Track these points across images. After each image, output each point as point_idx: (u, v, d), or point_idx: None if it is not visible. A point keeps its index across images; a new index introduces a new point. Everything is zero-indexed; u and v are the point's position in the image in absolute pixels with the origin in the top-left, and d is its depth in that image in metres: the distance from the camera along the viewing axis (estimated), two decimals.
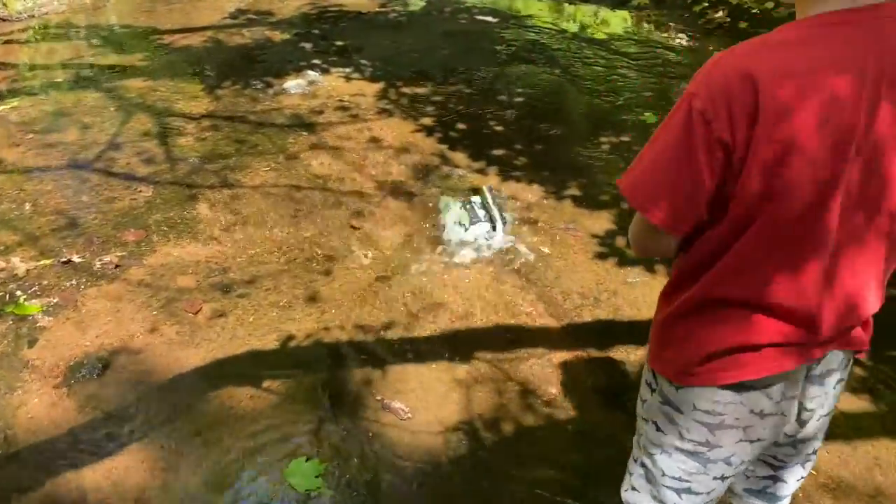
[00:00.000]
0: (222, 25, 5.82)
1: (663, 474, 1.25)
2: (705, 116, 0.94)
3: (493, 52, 5.43)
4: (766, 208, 0.97)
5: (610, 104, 4.62)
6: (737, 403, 1.12)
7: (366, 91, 4.72)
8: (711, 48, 5.56)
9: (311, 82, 4.76)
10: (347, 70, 5.01)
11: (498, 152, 3.99)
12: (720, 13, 6.08)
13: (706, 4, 6.27)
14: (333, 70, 4.99)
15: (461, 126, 4.28)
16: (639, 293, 2.86)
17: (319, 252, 3.06)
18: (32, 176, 3.52)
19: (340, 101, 4.56)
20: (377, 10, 6.30)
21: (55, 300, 2.69)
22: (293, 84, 4.68)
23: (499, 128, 4.29)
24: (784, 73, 0.92)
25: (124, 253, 2.98)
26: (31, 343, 2.49)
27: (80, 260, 2.91)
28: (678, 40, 5.76)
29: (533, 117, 4.41)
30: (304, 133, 4.12)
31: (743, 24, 5.81)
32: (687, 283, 1.13)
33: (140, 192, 3.44)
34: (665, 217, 1.03)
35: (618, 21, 6.26)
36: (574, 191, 3.62)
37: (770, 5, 5.92)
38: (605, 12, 6.46)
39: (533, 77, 4.97)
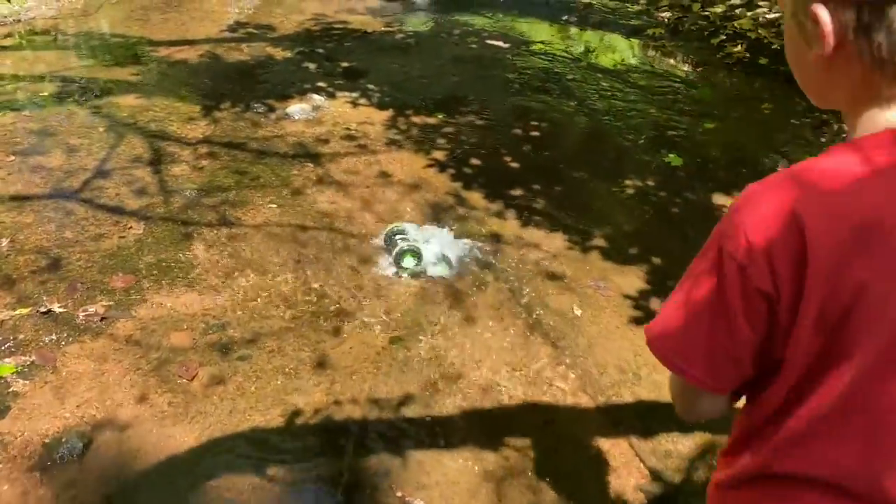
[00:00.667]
0: (220, 39, 5.54)
1: None
2: (739, 261, 0.78)
3: (506, 80, 5.20)
4: (828, 366, 0.78)
5: (631, 142, 4.40)
6: None
7: (374, 119, 4.46)
8: (732, 82, 5.38)
9: (316, 107, 4.50)
10: (354, 95, 4.75)
11: (515, 192, 3.76)
12: (738, 47, 5.90)
13: (723, 37, 6.09)
14: (339, 94, 4.73)
15: (475, 162, 4.04)
16: None
17: (328, 306, 2.79)
18: (12, 206, 3.22)
19: (347, 129, 4.30)
20: (383, 29, 6.06)
21: (32, 359, 2.39)
22: (297, 109, 4.42)
23: (514, 165, 4.06)
24: (838, 215, 0.74)
25: (111, 302, 2.69)
26: (2, 413, 2.19)
27: (61, 310, 2.61)
28: (695, 74, 5.58)
29: (551, 154, 4.18)
30: (310, 164, 3.85)
31: (763, 60, 5.64)
32: (743, 448, 0.91)
33: (130, 228, 3.15)
34: (702, 377, 0.86)
35: (633, 51, 6.06)
36: (599, 241, 3.39)
37: None
38: (618, 41, 6.27)
39: (548, 110, 4.75)
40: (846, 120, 0.82)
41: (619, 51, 6.05)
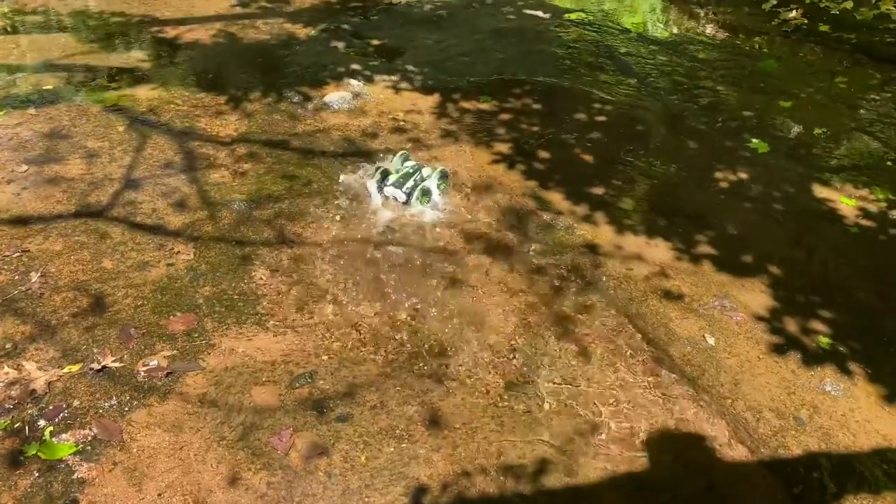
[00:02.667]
0: (232, 15, 5.04)
1: None
2: None
3: (555, 56, 4.78)
4: None
5: (707, 126, 4.03)
6: None
7: (421, 106, 4.04)
8: (796, 53, 5.00)
9: (356, 94, 4.06)
10: (394, 78, 4.31)
11: (598, 190, 3.39)
12: (794, 13, 5.51)
13: (775, 2, 5.70)
14: (377, 78, 4.29)
15: (544, 155, 3.65)
16: (845, 408, 2.30)
17: (423, 343, 2.42)
18: (34, 228, 2.79)
19: (394, 119, 3.88)
20: (407, 1, 5.58)
21: (93, 432, 2.01)
22: (336, 97, 3.97)
23: (587, 157, 3.67)
24: None
25: (174, 351, 2.30)
26: None
27: (117, 365, 2.22)
28: (754, 44, 5.19)
29: (624, 143, 3.79)
30: (364, 164, 3.44)
31: (823, 27, 5.26)
32: None
33: (178, 253, 2.74)
34: None
35: (682, 18, 5.64)
36: (707, 248, 3.04)
37: (849, 5, 5.38)
38: (665, 7, 5.84)
39: (608, 90, 4.35)
40: None
41: (667, 20, 5.63)
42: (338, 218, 3.05)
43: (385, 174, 3.18)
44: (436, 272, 2.78)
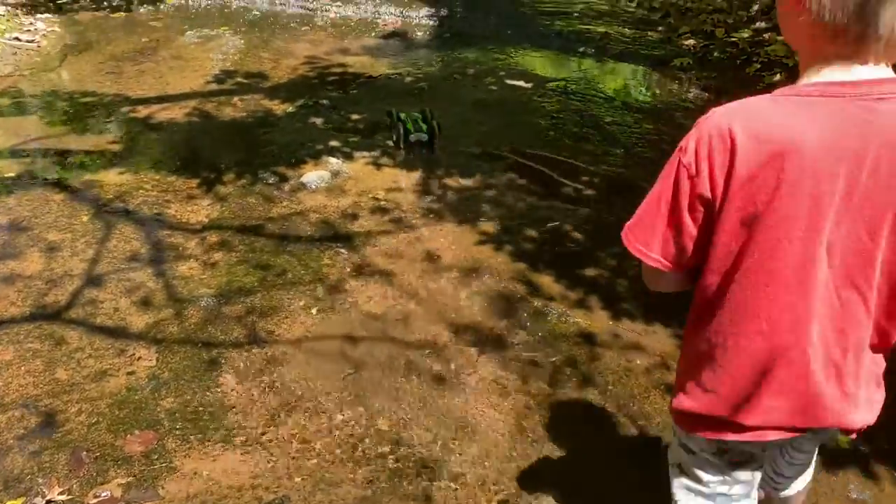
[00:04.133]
0: (208, 92, 4.96)
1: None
2: (689, 171, 1.07)
3: (539, 128, 4.71)
4: (740, 263, 1.08)
5: None
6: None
7: (402, 183, 3.92)
8: None
9: (335, 173, 3.95)
10: (374, 154, 4.21)
11: (590, 272, 3.24)
12: (778, 76, 5.52)
13: (758, 66, 5.72)
14: (357, 155, 4.19)
15: (530, 233, 3.52)
16: None
17: (408, 457, 2.22)
18: None
19: (375, 199, 3.76)
20: (388, 72, 5.54)
21: None
22: (314, 177, 3.85)
23: (578, 235, 3.55)
24: (763, 139, 1.01)
25: (130, 478, 2.08)
26: None
27: (64, 498, 2.00)
28: None
29: (615, 220, 3.67)
30: (342, 250, 3.29)
31: None
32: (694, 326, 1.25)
33: (139, 359, 2.54)
34: (657, 260, 1.16)
35: (664, 85, 5.64)
36: None
37: None
38: (646, 74, 5.84)
39: (595, 161, 4.26)
40: (800, 66, 1.07)
41: (650, 86, 5.62)
42: (314, 311, 2.87)
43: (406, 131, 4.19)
44: (421, 371, 2.59)
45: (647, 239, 1.15)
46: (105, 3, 6.77)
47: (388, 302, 2.97)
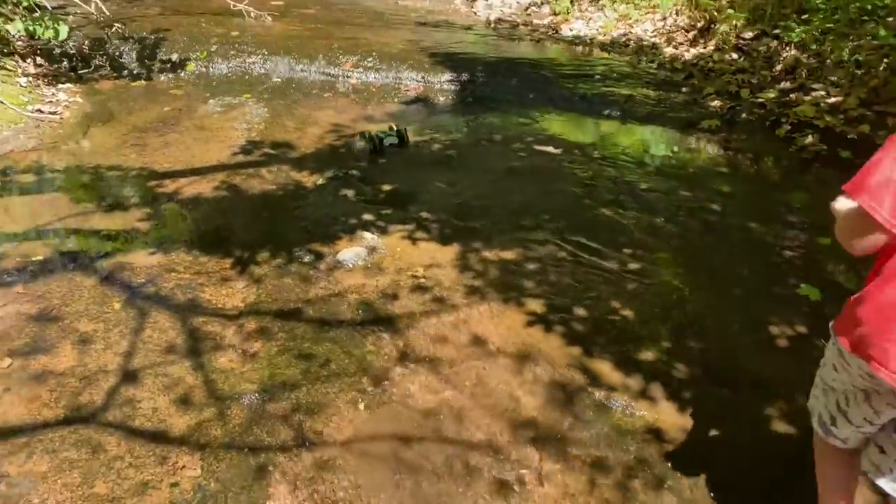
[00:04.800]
0: (235, 165, 4.90)
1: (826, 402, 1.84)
2: None
3: (574, 196, 4.62)
4: None
5: (749, 269, 3.80)
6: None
7: (440, 259, 3.81)
8: (822, 183, 4.88)
9: (371, 249, 3.83)
10: (409, 228, 4.10)
11: (648, 355, 3.10)
12: (810, 138, 5.45)
13: (788, 127, 5.66)
14: (392, 229, 4.08)
15: (579, 312, 3.39)
16: None
17: None
18: (16, 443, 2.44)
19: (414, 276, 3.63)
20: (415, 139, 5.48)
21: None
22: (350, 254, 3.74)
23: (628, 312, 3.41)
24: None
25: None
26: None
27: None
28: (776, 173, 5.08)
29: (665, 294, 3.55)
30: (384, 334, 3.16)
31: (845, 153, 5.18)
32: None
33: (182, 467, 2.38)
34: (887, 220, 1.41)
35: (696, 148, 5.57)
36: (781, 424, 2.71)
37: (866, 128, 5.33)
38: (675, 137, 5.78)
39: (636, 230, 4.15)
40: None
41: (681, 149, 5.55)
42: (361, 406, 2.72)
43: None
44: (480, 475, 2.43)
45: (882, 197, 1.41)
46: (125, 71, 6.79)
47: (439, 394, 2.82)
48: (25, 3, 6.48)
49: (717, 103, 6.14)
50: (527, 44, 7.73)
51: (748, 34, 7.04)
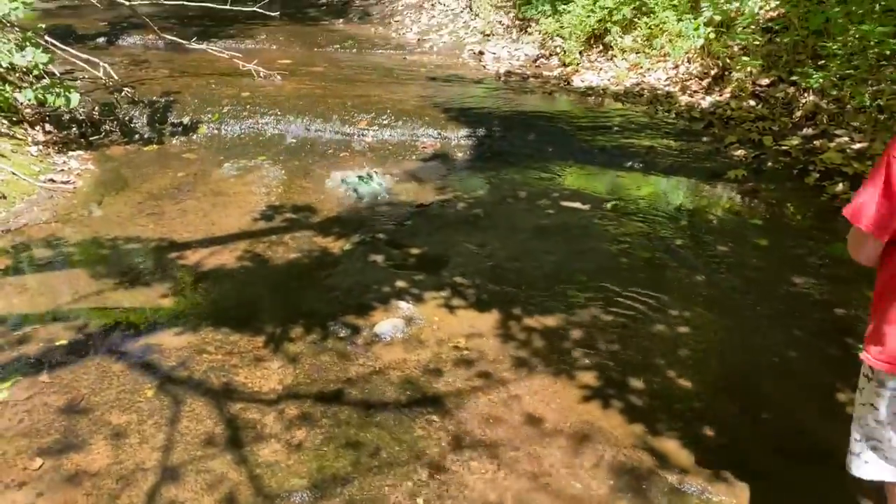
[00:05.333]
0: (257, 232, 4.79)
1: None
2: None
3: (609, 254, 4.51)
4: None
5: (803, 332, 3.67)
6: None
7: (481, 328, 3.67)
8: None
9: (408, 319, 3.70)
10: (444, 294, 3.98)
11: (713, 432, 2.95)
12: (840, 186, 5.38)
13: (817, 175, 5.59)
14: (427, 296, 3.95)
15: (637, 384, 3.24)
16: None
17: None
18: None
19: (456, 348, 3.49)
20: (438, 198, 5.40)
21: None
22: (388, 327, 3.61)
23: (685, 383, 3.26)
24: None
25: None
26: None
27: None
28: (811, 224, 4.99)
29: (715, 361, 3.40)
30: (433, 416, 3.00)
31: None
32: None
33: None
34: (871, 228, 1.76)
35: (726, 200, 5.49)
36: (868, 501, 2.55)
37: None
38: (703, 188, 5.71)
39: (677, 290, 4.04)
40: None
41: (710, 202, 5.47)
42: (421, 502, 2.55)
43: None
44: None
45: (867, 213, 1.76)
46: (136, 135, 6.73)
47: (499, 483, 2.66)
48: (36, 72, 6.46)
49: (740, 152, 6.09)
50: (539, 96, 7.73)
51: (764, 81, 7.04)
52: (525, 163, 6.20)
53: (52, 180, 5.59)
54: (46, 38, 6.80)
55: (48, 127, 6.58)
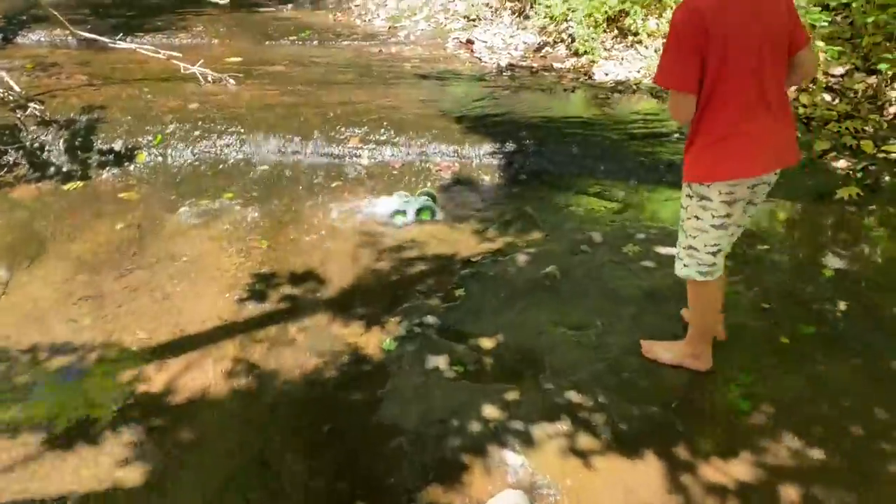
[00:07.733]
0: (246, 323, 3.37)
1: (704, 245, 2.64)
2: (691, 29, 2.34)
3: (755, 333, 3.31)
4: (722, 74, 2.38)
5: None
6: (740, 188, 2.50)
7: (640, 491, 2.39)
8: None
9: (530, 488, 2.37)
10: (563, 428, 2.69)
11: None
12: None
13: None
14: (538, 434, 2.66)
15: None
16: None
17: None
18: None
19: None
20: (487, 248, 4.07)
21: None
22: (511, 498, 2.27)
23: None
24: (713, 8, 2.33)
25: None
26: None
27: None
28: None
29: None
30: None
31: None
32: (698, 131, 2.50)
33: None
34: (683, 86, 2.39)
35: (854, 232, 4.33)
36: None
37: None
38: (815, 213, 4.54)
39: (843, 388, 2.84)
40: None
41: (838, 235, 4.31)
42: None
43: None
44: None
45: (675, 76, 2.41)
46: (52, 168, 5.14)
47: None
48: None
49: (842, 163, 4.96)
50: (560, 95, 6.43)
51: (837, 70, 5.94)
52: (574, 186, 4.92)
53: None
54: None
55: None
